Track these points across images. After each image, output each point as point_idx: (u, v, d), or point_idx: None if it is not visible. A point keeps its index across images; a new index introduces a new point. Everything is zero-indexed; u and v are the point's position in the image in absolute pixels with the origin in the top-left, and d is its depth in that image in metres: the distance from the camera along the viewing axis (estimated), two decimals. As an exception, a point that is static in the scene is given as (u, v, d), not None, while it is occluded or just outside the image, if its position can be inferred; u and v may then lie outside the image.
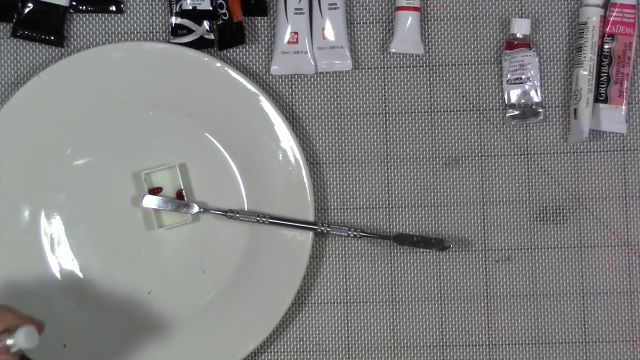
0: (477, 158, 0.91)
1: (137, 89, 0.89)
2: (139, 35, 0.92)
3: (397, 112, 0.92)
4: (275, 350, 0.91)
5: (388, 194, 0.91)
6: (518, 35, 0.90)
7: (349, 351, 0.91)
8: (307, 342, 0.91)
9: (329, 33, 0.90)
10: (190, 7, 0.89)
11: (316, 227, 0.88)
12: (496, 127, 0.92)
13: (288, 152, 0.89)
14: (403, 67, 0.92)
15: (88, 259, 0.90)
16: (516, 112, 0.91)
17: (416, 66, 0.92)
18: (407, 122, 0.92)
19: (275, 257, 0.89)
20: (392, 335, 0.91)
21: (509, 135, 0.91)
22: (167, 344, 0.88)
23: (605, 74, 0.90)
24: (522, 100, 0.91)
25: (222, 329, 0.88)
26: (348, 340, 0.91)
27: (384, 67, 0.92)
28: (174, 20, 0.90)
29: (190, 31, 0.90)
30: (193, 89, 0.89)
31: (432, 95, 0.92)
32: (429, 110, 0.92)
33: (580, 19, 0.90)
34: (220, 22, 0.90)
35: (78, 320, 0.89)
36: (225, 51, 0.91)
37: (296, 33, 0.90)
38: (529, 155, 0.91)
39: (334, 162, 0.92)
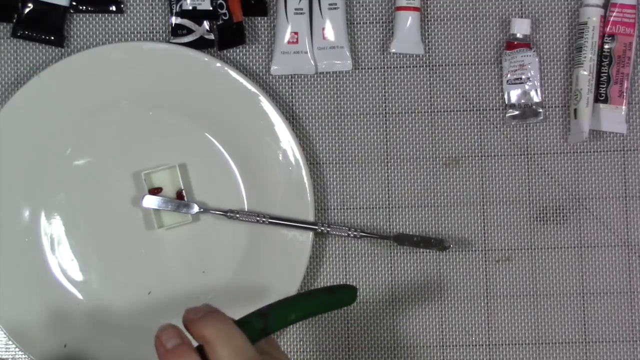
0: (477, 158, 0.91)
1: (137, 89, 0.89)
2: (139, 35, 0.92)
3: (397, 112, 0.92)
4: (275, 350, 0.91)
5: (388, 194, 0.91)
6: (518, 35, 0.90)
7: (349, 351, 0.91)
8: (307, 342, 0.91)
9: (329, 33, 0.90)
10: (190, 7, 0.90)
11: (316, 227, 0.88)
12: (496, 127, 0.92)
13: (288, 152, 0.89)
14: (403, 67, 0.92)
15: (88, 259, 0.90)
16: (516, 112, 0.91)
17: (416, 66, 0.92)
18: (407, 122, 0.92)
19: (275, 257, 0.89)
20: (392, 335, 0.91)
21: (509, 135, 0.92)
22: (167, 344, 0.88)
23: (605, 74, 0.90)
24: (522, 100, 0.91)
25: (222, 329, 0.88)
26: (348, 341, 0.91)
27: (384, 67, 0.92)
28: (174, 20, 0.90)
29: (190, 31, 0.90)
30: (193, 89, 0.89)
31: (432, 95, 0.92)
32: (429, 110, 0.92)
33: (580, 19, 0.90)
34: (220, 22, 0.90)
35: (78, 320, 0.89)
36: (225, 51, 0.92)
37: (296, 33, 0.90)
38: (529, 155, 0.91)
39: (334, 162, 0.92)
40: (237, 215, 0.88)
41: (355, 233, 0.89)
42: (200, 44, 0.90)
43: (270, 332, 0.69)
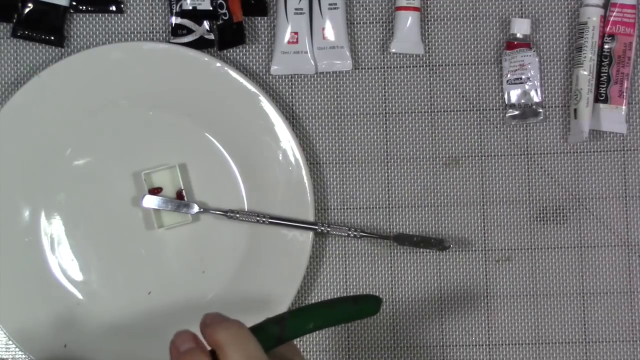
0: (477, 158, 0.91)
1: (137, 89, 0.89)
2: (139, 35, 0.92)
3: (397, 112, 0.92)
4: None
5: (388, 194, 0.91)
6: (518, 35, 0.90)
7: (349, 351, 0.91)
8: (307, 342, 0.91)
9: (329, 33, 0.90)
10: (190, 7, 0.90)
11: (316, 227, 0.88)
12: (496, 127, 0.92)
13: (288, 152, 0.89)
14: (403, 67, 0.92)
15: (88, 259, 0.90)
16: (516, 112, 0.91)
17: (416, 66, 0.92)
18: (407, 122, 0.92)
19: (275, 257, 0.89)
20: (392, 335, 0.91)
21: (509, 135, 0.92)
22: (167, 344, 0.88)
23: (605, 74, 0.90)
24: (522, 100, 0.91)
25: (222, 329, 0.88)
26: (348, 340, 0.91)
27: (384, 67, 0.92)
28: (174, 20, 0.90)
29: (190, 31, 0.90)
30: (193, 89, 0.89)
31: (432, 95, 0.92)
32: (429, 110, 0.92)
33: (580, 19, 0.90)
34: (220, 22, 0.90)
35: (78, 320, 0.89)
36: (225, 51, 0.92)
37: (296, 33, 0.90)
38: (529, 155, 0.91)
39: (334, 162, 0.92)
40: (237, 215, 0.88)
41: (355, 233, 0.89)
42: (200, 44, 0.90)
43: (285, 340, 0.67)
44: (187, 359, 0.64)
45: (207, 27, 0.90)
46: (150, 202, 0.89)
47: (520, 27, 0.90)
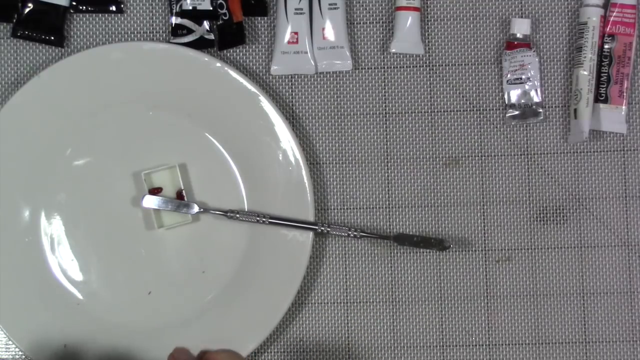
0: (477, 158, 0.91)
1: (137, 89, 0.89)
2: (139, 35, 0.92)
3: (397, 112, 0.92)
4: (275, 350, 0.91)
5: (388, 194, 0.91)
6: (518, 35, 0.90)
7: (349, 351, 0.91)
8: (307, 342, 0.91)
9: (329, 33, 0.90)
10: (190, 7, 0.90)
11: (316, 227, 0.88)
12: (496, 127, 0.92)
13: (288, 152, 0.89)
14: (403, 67, 0.92)
15: (88, 259, 0.90)
16: (516, 112, 0.91)
17: (416, 66, 0.92)
18: (407, 122, 0.92)
19: (275, 257, 0.89)
20: (392, 335, 0.91)
21: (509, 135, 0.91)
22: (167, 344, 0.88)
23: (606, 74, 0.90)
24: (522, 100, 0.91)
25: (222, 329, 0.88)
26: (348, 340, 0.91)
27: (384, 67, 0.92)
28: (174, 20, 0.90)
29: (190, 31, 0.90)
30: (193, 89, 0.89)
31: (432, 95, 0.92)
32: (429, 110, 0.92)
33: (580, 19, 0.90)
34: (220, 22, 0.90)
35: (78, 320, 0.89)
36: (225, 51, 0.92)
37: (296, 33, 0.90)
38: (529, 155, 0.91)
39: (334, 162, 0.92)
40: (237, 215, 0.88)
41: (355, 233, 0.89)
42: (200, 44, 0.90)
43: None
44: None
45: (207, 27, 0.90)
46: (150, 202, 0.89)
47: (520, 27, 0.90)
